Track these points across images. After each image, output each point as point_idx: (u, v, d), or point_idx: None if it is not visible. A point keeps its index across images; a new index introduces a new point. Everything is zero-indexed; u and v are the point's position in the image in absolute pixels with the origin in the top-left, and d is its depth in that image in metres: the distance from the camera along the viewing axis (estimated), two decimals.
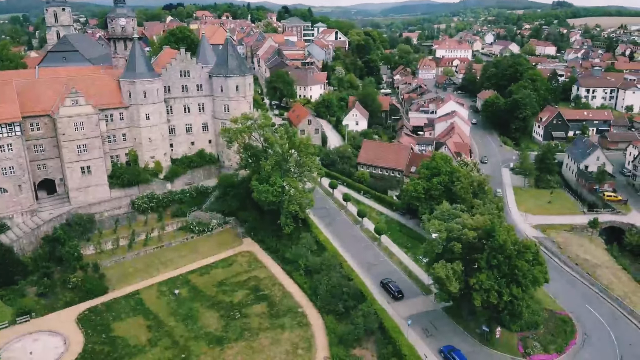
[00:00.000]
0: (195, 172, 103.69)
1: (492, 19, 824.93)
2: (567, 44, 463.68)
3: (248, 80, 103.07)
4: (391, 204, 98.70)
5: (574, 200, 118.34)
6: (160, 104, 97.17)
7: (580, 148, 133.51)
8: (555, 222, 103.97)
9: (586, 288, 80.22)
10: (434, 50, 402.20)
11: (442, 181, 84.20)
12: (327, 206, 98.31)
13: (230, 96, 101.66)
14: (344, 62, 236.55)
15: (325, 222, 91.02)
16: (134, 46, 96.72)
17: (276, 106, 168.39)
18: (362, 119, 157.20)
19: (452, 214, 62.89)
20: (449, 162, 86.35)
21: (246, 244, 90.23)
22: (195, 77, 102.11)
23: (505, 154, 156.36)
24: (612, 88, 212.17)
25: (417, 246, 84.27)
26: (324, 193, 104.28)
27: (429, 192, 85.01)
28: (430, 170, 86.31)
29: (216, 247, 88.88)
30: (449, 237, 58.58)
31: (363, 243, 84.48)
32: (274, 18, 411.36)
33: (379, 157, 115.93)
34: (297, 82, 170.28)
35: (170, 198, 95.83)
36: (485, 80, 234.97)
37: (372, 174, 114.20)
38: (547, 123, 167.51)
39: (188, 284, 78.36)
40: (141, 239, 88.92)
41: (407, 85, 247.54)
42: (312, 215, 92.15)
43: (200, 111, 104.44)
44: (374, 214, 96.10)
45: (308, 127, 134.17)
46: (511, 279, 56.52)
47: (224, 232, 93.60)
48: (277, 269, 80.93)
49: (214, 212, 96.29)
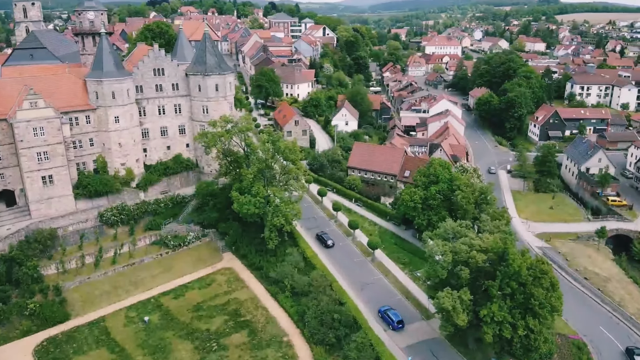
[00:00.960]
0: (171, 180, 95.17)
1: (480, 15, 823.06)
2: (556, 40, 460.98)
3: (228, 79, 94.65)
4: (385, 213, 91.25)
5: (576, 205, 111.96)
6: (131, 106, 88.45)
7: (581, 149, 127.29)
8: (559, 230, 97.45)
9: (598, 306, 73.61)
10: (423, 47, 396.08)
11: (441, 190, 76.87)
12: (315, 216, 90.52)
13: (209, 96, 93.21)
14: (332, 58, 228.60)
15: (313, 235, 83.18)
16: (102, 42, 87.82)
17: (261, 105, 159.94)
18: (352, 119, 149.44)
19: (457, 233, 55.45)
20: (448, 169, 79.05)
21: (227, 259, 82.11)
22: (170, 75, 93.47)
23: (501, 155, 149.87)
24: (607, 85, 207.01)
25: (414, 261, 77.03)
26: (313, 201, 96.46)
27: (427, 202, 77.67)
28: (427, 178, 78.98)
29: (193, 263, 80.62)
30: (454, 260, 51.18)
31: (355, 258, 76.86)
32: (260, 14, 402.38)
33: (371, 160, 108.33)
34: (283, 80, 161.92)
35: (143, 209, 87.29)
36: (477, 78, 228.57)
37: (363, 178, 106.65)
38: (543, 122, 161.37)
39: (160, 309, 70.10)
40: (109, 256, 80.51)
41: (397, 83, 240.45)
42: (300, 227, 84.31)
43: (177, 113, 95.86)
44: (367, 224, 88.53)
45: (295, 128, 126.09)
46: (526, 308, 49.30)
47: (202, 247, 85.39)
48: (261, 290, 73.00)
49: (192, 224, 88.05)
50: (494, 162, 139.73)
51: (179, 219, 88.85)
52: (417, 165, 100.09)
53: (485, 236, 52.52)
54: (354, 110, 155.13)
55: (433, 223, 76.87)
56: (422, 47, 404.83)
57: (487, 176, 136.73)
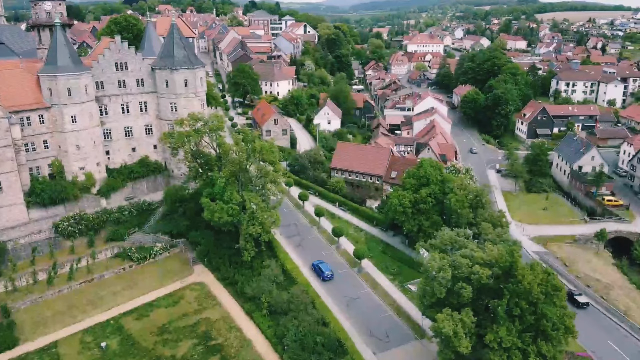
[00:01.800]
0: (137, 185, 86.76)
1: (460, 14, 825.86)
2: (537, 38, 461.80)
3: (199, 73, 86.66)
4: (371, 218, 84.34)
5: (570, 206, 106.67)
6: (90, 104, 79.86)
7: (572, 147, 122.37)
8: (555, 233, 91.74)
9: (603, 317, 67.69)
10: (405, 46, 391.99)
11: (433, 193, 70.24)
12: (296, 222, 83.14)
13: (177, 93, 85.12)
14: (313, 56, 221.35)
15: (294, 243, 75.80)
16: (56, 33, 79.06)
17: (239, 104, 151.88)
18: (334, 118, 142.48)
19: (455, 243, 48.71)
20: (440, 170, 72.50)
21: (198, 272, 74.16)
22: (134, 70, 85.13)
23: (489, 153, 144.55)
24: (593, 81, 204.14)
25: (404, 271, 70.21)
26: (294, 206, 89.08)
27: (417, 206, 70.96)
28: (417, 180, 72.30)
29: (160, 278, 72.47)
30: (454, 276, 44.39)
31: (341, 270, 69.68)
32: (240, 12, 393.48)
33: (355, 161, 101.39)
34: (262, 77, 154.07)
35: (105, 218, 78.95)
36: (461, 75, 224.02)
37: (347, 180, 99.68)
38: (531, 119, 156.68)
39: (120, 332, 61.86)
40: (65, 272, 71.96)
41: (380, 81, 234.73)
42: (279, 235, 76.86)
43: (143, 111, 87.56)
44: (352, 230, 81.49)
45: (274, 127, 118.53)
46: (537, 330, 42.75)
47: (170, 259, 77.30)
48: (235, 308, 65.26)
49: (159, 234, 79.94)
50: (482, 162, 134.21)
51: (145, 228, 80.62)
52: (405, 165, 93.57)
53: (488, 247, 45.85)
54: (336, 108, 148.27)
55: (424, 229, 70.34)
56: (404, 45, 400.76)
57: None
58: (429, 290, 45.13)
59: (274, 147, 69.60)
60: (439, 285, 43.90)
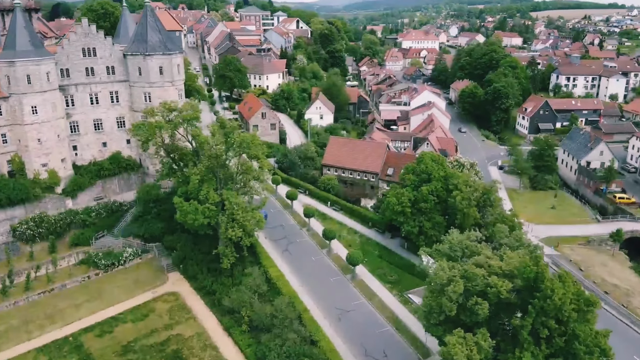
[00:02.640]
0: (108, 183, 78.76)
1: (454, 13, 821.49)
2: (532, 35, 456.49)
3: (176, 60, 78.69)
4: (366, 219, 76.60)
5: (579, 204, 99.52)
6: (52, 93, 71.85)
7: (579, 141, 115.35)
8: (565, 233, 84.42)
9: (626, 328, 60.38)
10: (400, 43, 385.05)
11: (435, 190, 62.62)
12: (284, 223, 75.25)
13: (151, 81, 77.16)
14: (305, 50, 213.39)
15: (280, 248, 67.93)
16: (15, 16, 70.93)
17: (226, 98, 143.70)
18: (327, 113, 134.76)
19: (467, 249, 41.07)
20: (442, 165, 64.91)
21: (172, 281, 66.23)
22: (104, 56, 77.09)
23: (489, 150, 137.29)
24: (594, 76, 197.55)
25: (404, 278, 62.60)
26: (281, 205, 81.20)
27: (417, 205, 63.30)
28: (417, 176, 64.67)
29: (129, 288, 64.51)
30: (467, 289, 36.84)
31: (332, 277, 61.92)
32: (232, 9, 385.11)
33: (349, 157, 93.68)
34: (251, 70, 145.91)
35: (69, 220, 70.92)
36: (458, 70, 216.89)
37: (340, 178, 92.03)
38: (533, 114, 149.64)
39: (79, 351, 53.89)
40: (22, 281, 63.77)
41: (375, 77, 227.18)
42: (263, 239, 69.06)
43: (114, 102, 79.61)
44: (345, 232, 73.73)
45: (262, 121, 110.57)
46: (567, 353, 35.23)
47: (142, 266, 69.33)
48: (211, 322, 57.44)
49: (130, 238, 71.94)
50: (483, 158, 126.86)
51: (115, 231, 72.60)
52: (402, 161, 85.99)
53: (507, 255, 38.32)
54: (329, 103, 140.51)
55: (425, 230, 62.72)
56: (398, 43, 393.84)
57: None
58: (436, 307, 37.54)
59: (257, 139, 61.69)
60: (448, 300, 36.34)
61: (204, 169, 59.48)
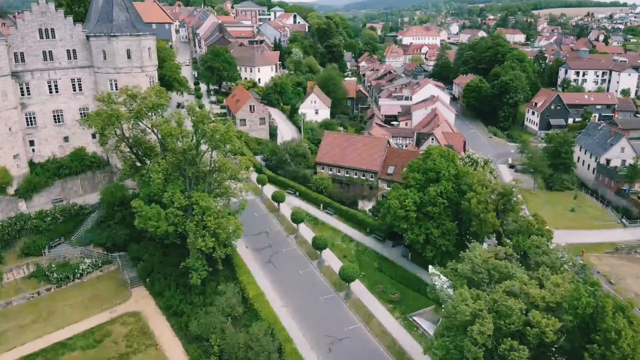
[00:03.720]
0: (69, 183, 69.00)
1: (454, 11, 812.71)
2: (535, 32, 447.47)
3: (146, 43, 68.95)
4: (364, 224, 66.78)
5: (601, 206, 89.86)
6: (3, 79, 62.08)
7: (597, 137, 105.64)
8: (590, 240, 74.95)
9: None
10: (400, 40, 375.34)
11: (445, 191, 52.89)
12: (269, 230, 65.46)
13: (117, 66, 67.46)
14: (302, 44, 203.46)
15: (263, 259, 58.14)
16: None
17: (214, 92, 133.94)
18: (323, 107, 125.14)
19: (494, 270, 31.17)
20: (453, 161, 55.18)
21: (136, 298, 56.51)
22: (64, 38, 67.35)
23: (498, 147, 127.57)
24: (604, 70, 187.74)
25: (407, 295, 52.87)
26: (267, 209, 71.43)
27: (424, 209, 53.55)
28: (424, 175, 54.91)
29: (84, 306, 54.83)
30: (498, 328, 27.17)
31: (322, 295, 52.16)
32: (228, 5, 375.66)
33: (345, 154, 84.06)
34: (241, 61, 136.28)
35: (20, 226, 61.07)
36: (462, 65, 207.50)
37: (335, 177, 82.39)
38: (544, 109, 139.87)
39: None
40: None
41: (375, 72, 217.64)
42: (244, 248, 59.36)
43: (76, 90, 69.90)
44: (339, 239, 63.96)
45: (250, 115, 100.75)
46: None
47: (102, 279, 59.58)
48: (176, 351, 47.72)
49: (90, 246, 62.20)
50: (491, 156, 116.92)
51: (72, 238, 62.78)
52: (405, 158, 76.31)
53: (550, 279, 28.57)
54: (325, 97, 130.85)
55: (433, 239, 52.95)
56: (398, 40, 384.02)
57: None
58: (455, 352, 27.78)
59: (232, 130, 51.77)
60: (472, 343, 26.67)
61: (169, 166, 49.75)
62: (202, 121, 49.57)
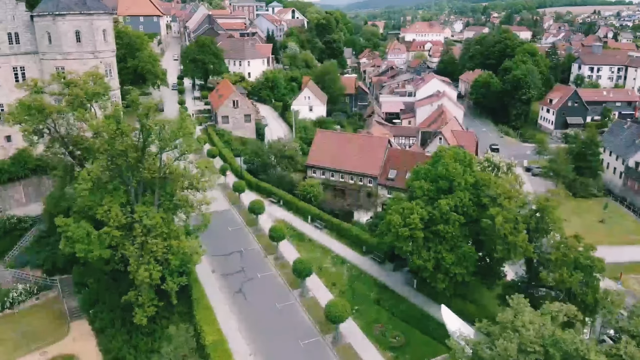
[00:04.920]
0: (9, 191, 58.23)
1: (457, 10, 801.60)
2: (541, 29, 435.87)
3: (100, 23, 58.02)
4: (359, 241, 55.50)
5: (634, 216, 78.56)
6: None
7: (623, 137, 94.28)
8: (626, 258, 63.51)
9: None
10: (403, 38, 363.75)
11: (461, 205, 41.64)
12: (244, 248, 54.32)
13: (65, 51, 56.65)
14: (298, 38, 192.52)
15: (232, 288, 46.94)
16: None
17: (200, 88, 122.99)
18: (318, 104, 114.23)
19: (554, 348, 20.04)
20: (470, 166, 43.94)
21: (75, 335, 45.43)
22: (4, 19, 56.57)
23: (511, 148, 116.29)
24: (619, 66, 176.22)
25: (413, 339, 41.64)
26: (244, 221, 60.22)
27: (433, 227, 42.29)
28: (434, 183, 43.70)
29: (12, 345, 43.83)
30: None
31: (303, 340, 40.93)
32: (227, 1, 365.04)
33: (340, 156, 73.00)
34: (229, 54, 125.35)
35: None
36: (468, 61, 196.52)
37: (328, 182, 71.33)
38: (560, 106, 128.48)
39: None
40: None
41: (376, 68, 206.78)
42: (209, 273, 48.29)
43: (19, 81, 58.71)
44: (329, 260, 52.80)
45: (234, 112, 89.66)
46: None
47: (38, 310, 48.60)
48: None
49: (27, 269, 51.18)
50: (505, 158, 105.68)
51: (5, 259, 51.80)
52: (409, 161, 65.30)
53: None
54: (321, 93, 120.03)
55: (445, 267, 41.63)
56: (401, 38, 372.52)
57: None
58: None
59: (188, 124, 40.47)
60: None
61: (104, 172, 38.64)
62: (147, 114, 38.45)
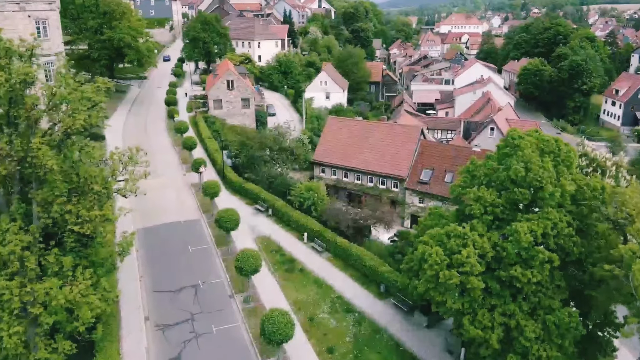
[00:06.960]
0: None
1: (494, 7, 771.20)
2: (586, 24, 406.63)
3: None
4: (376, 276, 37.09)
5: None
6: None
7: None
8: None
9: None
10: (437, 32, 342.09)
11: (556, 232, 23.28)
12: (202, 280, 36.91)
13: None
14: (322, 23, 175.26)
15: (168, 352, 29.66)
16: None
17: (203, 71, 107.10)
18: (336, 90, 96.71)
19: None
20: (569, 165, 25.56)
21: None
22: None
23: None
24: None
25: None
26: (215, 238, 42.58)
27: (500, 271, 24.07)
28: (504, 194, 25.40)
29: None
30: None
31: None
32: None
33: (356, 150, 55.26)
34: (237, 33, 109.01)
35: None
36: (512, 49, 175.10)
37: (339, 184, 53.67)
38: (628, 98, 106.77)
39: None
40: None
41: (407, 59, 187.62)
42: (137, 319, 31.26)
43: None
44: (327, 304, 34.87)
45: (228, 95, 72.58)
46: None
47: None
48: None
49: None
50: None
51: None
52: (450, 159, 46.98)
53: None
54: (340, 78, 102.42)
55: (522, 345, 23.13)
56: (435, 31, 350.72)
57: None
58: None
59: (91, 90, 23.60)
60: None
61: None
62: (28, 73, 21.50)
